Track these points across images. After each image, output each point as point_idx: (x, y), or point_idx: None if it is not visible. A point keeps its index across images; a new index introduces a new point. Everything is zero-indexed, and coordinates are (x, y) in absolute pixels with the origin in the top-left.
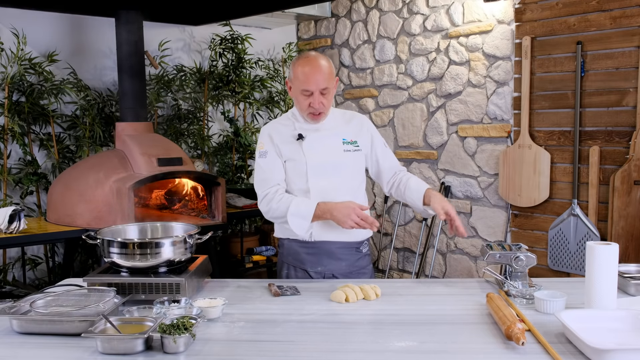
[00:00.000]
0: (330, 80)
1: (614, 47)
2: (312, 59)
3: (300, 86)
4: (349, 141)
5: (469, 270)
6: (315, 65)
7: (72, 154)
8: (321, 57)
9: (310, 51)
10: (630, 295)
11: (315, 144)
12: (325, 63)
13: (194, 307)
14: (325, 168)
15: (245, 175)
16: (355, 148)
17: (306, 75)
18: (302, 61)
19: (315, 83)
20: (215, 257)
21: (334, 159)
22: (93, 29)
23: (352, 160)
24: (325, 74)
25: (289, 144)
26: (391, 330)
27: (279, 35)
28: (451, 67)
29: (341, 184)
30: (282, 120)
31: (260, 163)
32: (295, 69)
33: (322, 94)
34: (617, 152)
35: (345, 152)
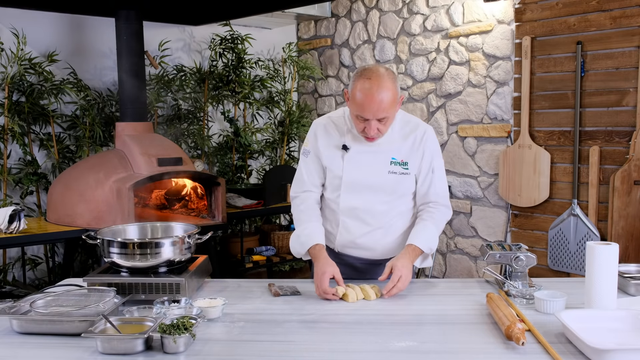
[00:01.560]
0: (392, 109)
1: (614, 47)
2: (375, 82)
3: (355, 110)
4: (399, 161)
5: (469, 270)
6: (375, 92)
7: (72, 154)
8: (385, 80)
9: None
10: (630, 295)
11: (358, 160)
12: (387, 91)
13: (194, 307)
14: (361, 186)
15: (245, 175)
16: (403, 170)
17: (363, 101)
18: (363, 82)
19: (372, 112)
20: (215, 257)
21: (374, 179)
22: (93, 29)
23: (394, 183)
24: (385, 104)
25: (331, 151)
26: (391, 330)
27: (279, 35)
28: (451, 67)
29: (374, 205)
30: (335, 118)
31: (300, 162)
32: (354, 86)
33: (380, 121)
34: (617, 152)
35: (390, 173)
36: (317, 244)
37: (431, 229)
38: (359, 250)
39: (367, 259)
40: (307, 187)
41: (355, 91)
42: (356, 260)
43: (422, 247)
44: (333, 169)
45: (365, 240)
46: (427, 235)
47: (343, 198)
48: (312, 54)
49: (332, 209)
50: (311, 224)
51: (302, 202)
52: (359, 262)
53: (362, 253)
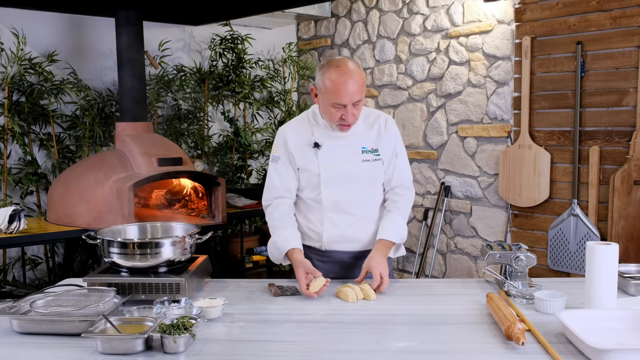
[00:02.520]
0: (363, 91)
1: (614, 47)
2: (345, 68)
3: (331, 99)
4: (369, 149)
5: (469, 270)
6: (348, 77)
7: (72, 154)
8: (352, 64)
9: (340, 58)
10: (630, 295)
11: (332, 154)
12: (358, 72)
13: (194, 307)
14: (339, 179)
15: (245, 175)
16: (375, 157)
17: (338, 88)
18: (333, 71)
19: (348, 96)
20: (215, 257)
21: (350, 170)
22: (93, 29)
23: (369, 170)
24: (359, 86)
25: (303, 152)
26: (391, 330)
27: (279, 35)
28: (451, 67)
29: (355, 195)
30: (299, 124)
31: (270, 169)
32: (324, 77)
33: (354, 105)
34: (617, 152)
35: (364, 162)
36: (293, 249)
37: (398, 219)
38: (346, 244)
39: (354, 252)
40: (279, 193)
41: (327, 81)
42: (344, 255)
43: (393, 239)
44: (309, 167)
45: (352, 232)
46: (395, 227)
47: (324, 194)
48: (312, 54)
49: (314, 207)
50: (286, 230)
51: (275, 209)
52: (347, 256)
53: (350, 246)
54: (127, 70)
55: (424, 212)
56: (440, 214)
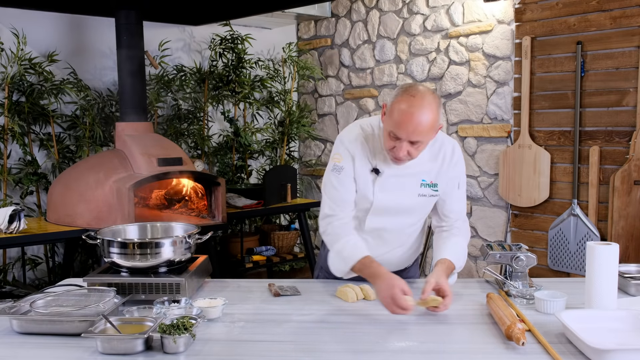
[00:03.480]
0: (428, 134)
1: (614, 47)
2: (417, 102)
3: (391, 126)
4: (429, 183)
5: (469, 270)
6: (416, 113)
7: (72, 154)
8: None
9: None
10: (630, 295)
11: (390, 184)
12: (428, 114)
13: (194, 307)
14: (389, 211)
15: (245, 175)
16: (433, 192)
17: (401, 119)
18: (406, 99)
19: (407, 133)
20: (215, 257)
21: (404, 203)
22: (93, 29)
23: (422, 206)
24: (423, 127)
25: (364, 171)
26: (391, 330)
27: (279, 35)
28: (451, 67)
29: (398, 226)
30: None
31: (332, 178)
32: (395, 101)
33: (412, 144)
34: (617, 152)
35: (420, 196)
36: (365, 257)
37: (463, 245)
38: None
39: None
40: (344, 206)
41: (395, 106)
42: None
43: (456, 263)
44: (364, 192)
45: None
46: (460, 252)
47: (370, 220)
48: (312, 54)
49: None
50: (351, 237)
51: (338, 220)
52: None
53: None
54: (127, 70)
55: None
56: None
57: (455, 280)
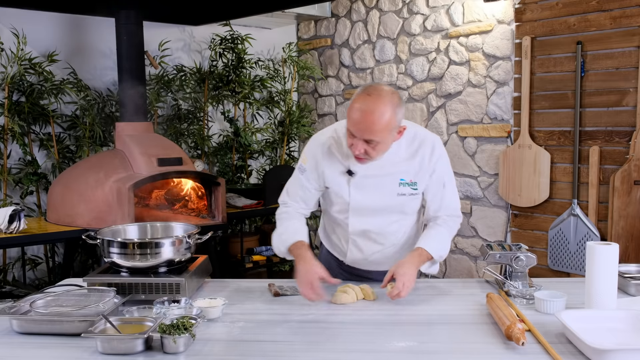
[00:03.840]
0: (383, 134)
1: (614, 47)
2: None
3: (347, 123)
4: (408, 182)
5: (469, 270)
6: (369, 111)
7: (72, 154)
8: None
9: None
10: (630, 295)
11: (365, 184)
12: (382, 114)
13: (194, 307)
14: (370, 211)
15: (245, 175)
16: (412, 191)
17: (354, 117)
18: (361, 97)
19: (360, 131)
20: (215, 257)
21: (382, 203)
22: (93, 29)
23: (403, 205)
24: (377, 127)
25: (336, 173)
26: (391, 330)
27: (279, 35)
28: (451, 67)
29: (384, 226)
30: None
31: (296, 176)
32: (353, 99)
33: (368, 143)
34: (617, 152)
35: (399, 195)
36: (299, 241)
37: (444, 236)
38: (370, 265)
39: (377, 271)
40: (297, 202)
41: (352, 104)
42: (366, 273)
43: (432, 252)
44: (340, 193)
45: (377, 257)
46: (439, 242)
47: (352, 222)
48: (312, 54)
49: (341, 227)
50: (293, 221)
51: (287, 207)
52: (368, 274)
53: (373, 266)
54: (127, 70)
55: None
56: None
57: (436, 270)
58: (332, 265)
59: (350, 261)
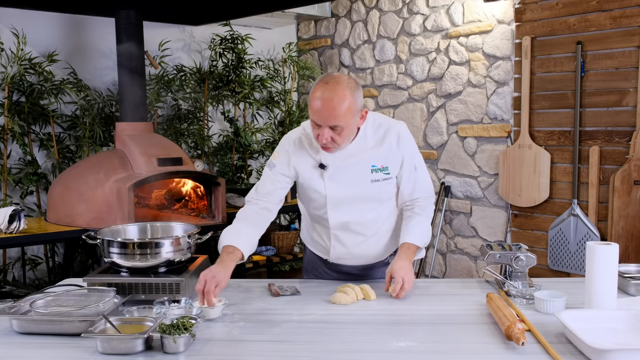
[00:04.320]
0: (346, 118)
1: (614, 47)
2: (330, 88)
3: (310, 114)
4: (379, 167)
5: (469, 270)
6: (327, 98)
7: (72, 154)
8: (342, 87)
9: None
10: (630, 295)
11: (339, 175)
12: (342, 98)
13: (194, 307)
14: (347, 201)
15: (245, 175)
16: (385, 176)
17: (315, 106)
18: (319, 86)
19: (323, 118)
20: (215, 257)
21: (358, 191)
22: (93, 29)
23: (379, 191)
24: (339, 112)
25: (308, 168)
26: (391, 330)
27: (279, 35)
28: (451, 67)
29: (364, 215)
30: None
31: (265, 172)
32: (312, 90)
33: (333, 129)
34: (617, 152)
35: (374, 182)
36: (232, 246)
37: (424, 223)
38: (355, 260)
39: (363, 265)
40: (265, 196)
41: (311, 95)
42: (352, 268)
43: (418, 242)
44: (316, 187)
45: (360, 249)
46: (421, 230)
47: (331, 215)
48: (312, 54)
49: (321, 223)
50: (244, 224)
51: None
52: (355, 269)
53: (358, 261)
54: (127, 70)
55: None
56: (440, 214)
57: (423, 254)
58: (317, 266)
59: (334, 258)
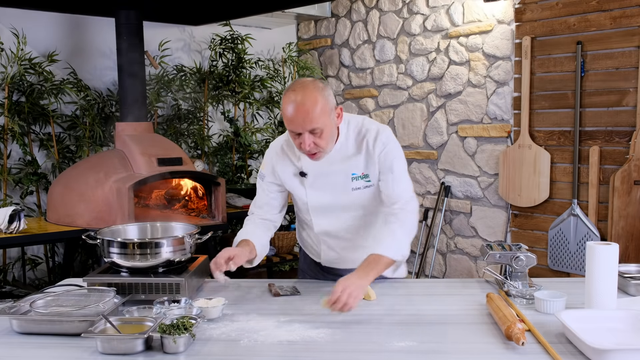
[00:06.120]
0: (321, 119)
1: (614, 47)
2: (299, 94)
3: (286, 124)
4: (360, 175)
5: (469, 270)
6: (298, 103)
7: (72, 154)
8: (310, 90)
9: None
10: (630, 295)
11: (319, 184)
12: (313, 101)
13: (194, 307)
14: (329, 209)
15: (245, 175)
16: (366, 184)
17: (289, 114)
18: (288, 95)
19: (300, 126)
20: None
21: (339, 200)
22: (93, 29)
23: (361, 199)
24: (313, 114)
25: (290, 177)
26: (391, 330)
27: (279, 35)
28: (451, 67)
29: (349, 224)
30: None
31: (258, 182)
32: (282, 101)
33: (313, 134)
34: (617, 152)
35: (354, 190)
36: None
37: (398, 233)
38: (346, 263)
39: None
40: (262, 207)
41: (283, 106)
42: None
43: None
44: (298, 195)
45: (351, 254)
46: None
47: (315, 222)
48: (312, 54)
49: (311, 228)
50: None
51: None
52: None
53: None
54: (127, 70)
55: (424, 212)
56: (440, 214)
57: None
58: (312, 267)
59: (326, 262)
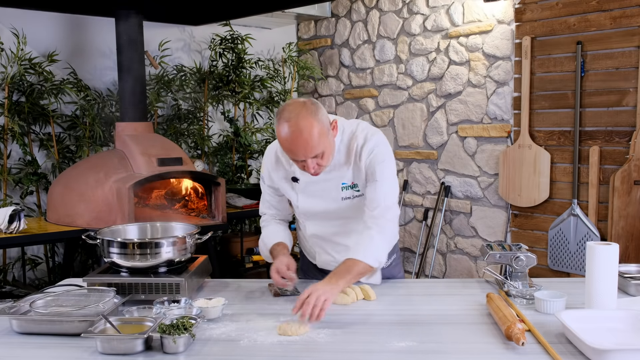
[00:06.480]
0: (323, 142)
1: (614, 47)
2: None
3: (286, 153)
4: (349, 185)
5: (469, 270)
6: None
7: (72, 154)
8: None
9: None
10: (630, 295)
11: (310, 191)
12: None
13: (194, 307)
14: (321, 216)
15: (245, 175)
16: (356, 194)
17: (289, 147)
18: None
19: (302, 155)
20: (215, 257)
21: (330, 208)
22: (93, 29)
23: (352, 208)
24: (313, 142)
25: (283, 181)
26: (391, 330)
27: (279, 35)
28: (451, 67)
29: (341, 230)
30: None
31: (262, 184)
32: (277, 129)
33: (316, 157)
34: (617, 152)
35: (344, 199)
36: (277, 242)
37: (376, 239)
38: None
39: None
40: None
41: (278, 136)
42: None
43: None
44: (291, 199)
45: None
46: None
47: (307, 227)
48: (312, 54)
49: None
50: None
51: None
52: None
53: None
54: (127, 70)
55: (424, 212)
56: (440, 214)
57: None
58: (309, 268)
59: (321, 264)
